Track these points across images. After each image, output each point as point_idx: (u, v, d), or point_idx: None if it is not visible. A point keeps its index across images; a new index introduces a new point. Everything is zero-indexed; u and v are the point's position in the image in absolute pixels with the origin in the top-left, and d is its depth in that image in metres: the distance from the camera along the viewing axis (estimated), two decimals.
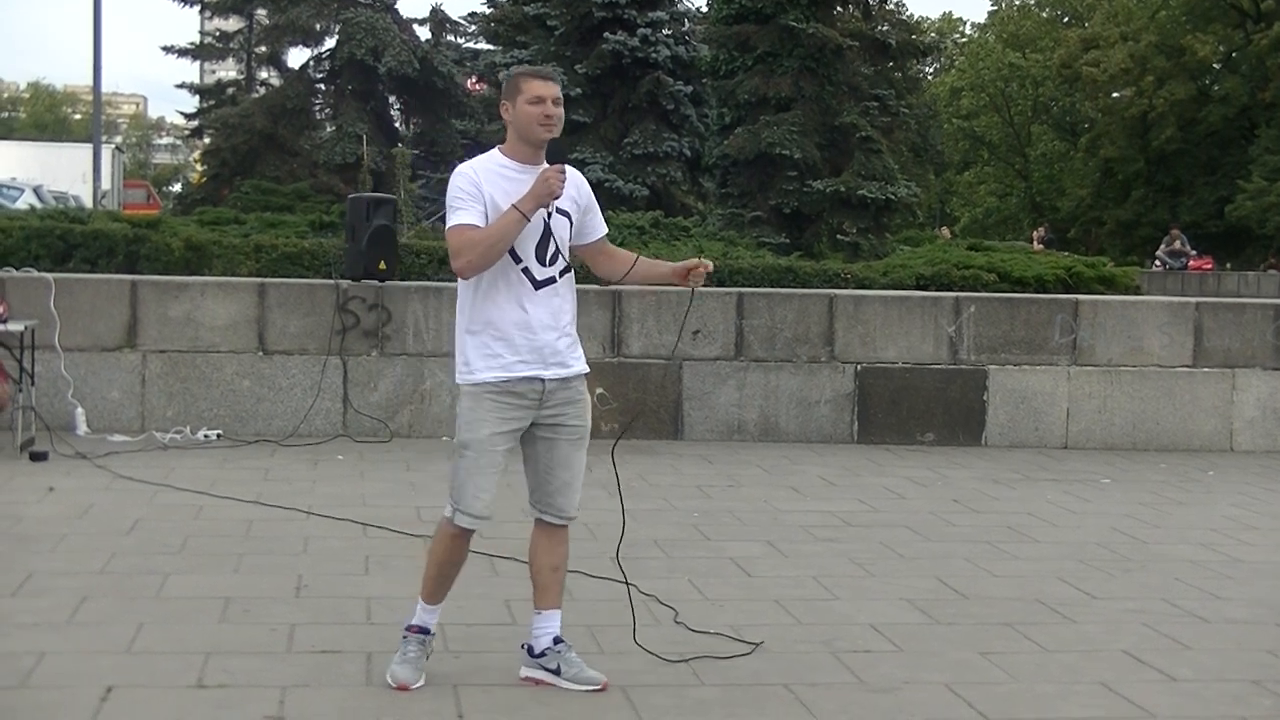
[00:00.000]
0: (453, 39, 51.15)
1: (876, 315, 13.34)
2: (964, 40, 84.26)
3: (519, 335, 5.91)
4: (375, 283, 12.80)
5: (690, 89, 34.08)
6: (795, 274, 17.71)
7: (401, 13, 46.02)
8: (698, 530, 9.38)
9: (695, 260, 6.15)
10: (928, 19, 78.34)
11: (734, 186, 29.44)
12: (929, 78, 74.07)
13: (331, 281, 13.08)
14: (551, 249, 5.97)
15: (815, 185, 27.83)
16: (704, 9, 34.83)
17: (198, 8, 49.53)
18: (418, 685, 5.96)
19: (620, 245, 23.01)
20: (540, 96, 5.89)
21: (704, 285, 6.23)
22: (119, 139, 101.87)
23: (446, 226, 5.88)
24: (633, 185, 32.38)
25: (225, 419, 12.50)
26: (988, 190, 76.56)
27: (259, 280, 13.22)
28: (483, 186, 5.86)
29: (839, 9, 30.76)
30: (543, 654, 6.15)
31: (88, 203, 36.34)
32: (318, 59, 45.46)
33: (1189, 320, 13.73)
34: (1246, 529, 10.10)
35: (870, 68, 30.60)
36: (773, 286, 16.33)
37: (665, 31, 33.74)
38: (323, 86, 45.73)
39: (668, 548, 8.79)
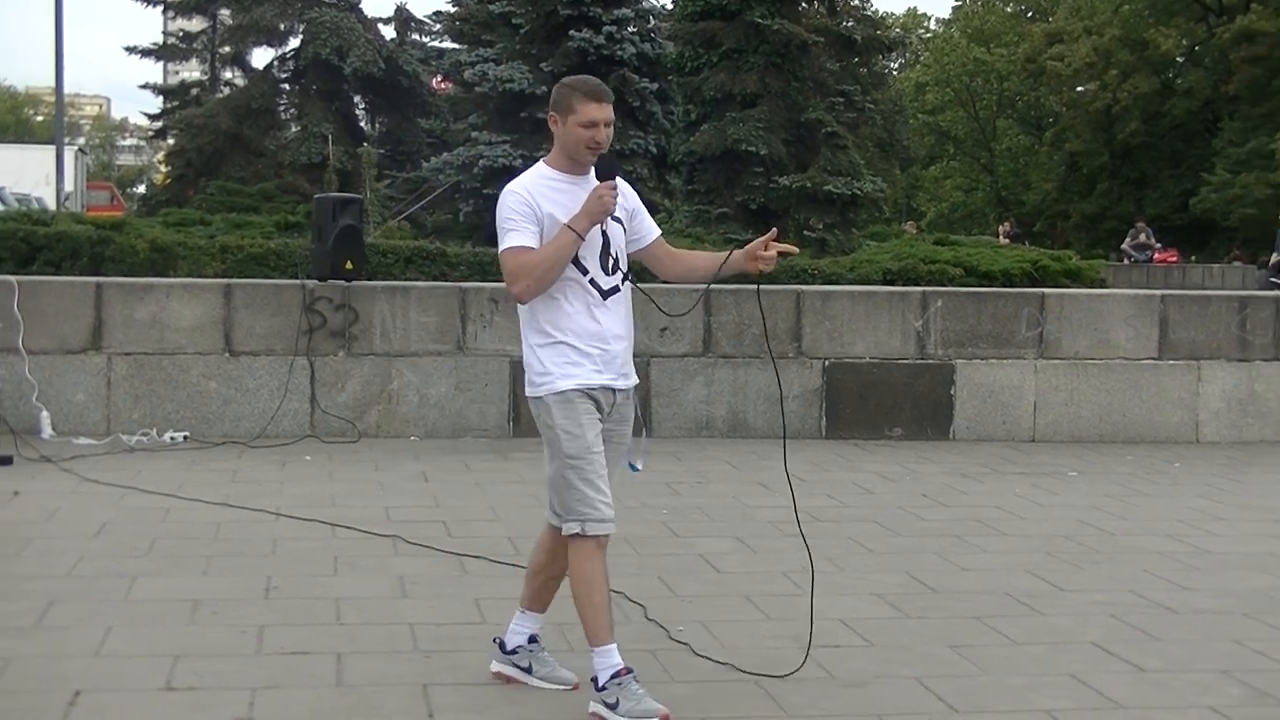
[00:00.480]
0: (418, 38, 51.11)
1: (844, 310, 13.35)
2: (929, 35, 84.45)
3: (594, 345, 5.80)
4: (342, 283, 12.77)
5: (656, 86, 34.05)
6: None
7: (366, 12, 46.06)
8: (667, 527, 9.38)
9: (763, 240, 5.99)
10: (892, 14, 78.79)
11: (700, 183, 29.48)
12: (894, 73, 74.27)
13: (298, 282, 13.04)
14: (612, 258, 5.86)
15: (781, 181, 27.87)
16: (669, 6, 34.88)
17: (160, 8, 49.41)
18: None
19: None
20: (593, 121, 5.77)
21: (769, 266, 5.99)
22: (82, 140, 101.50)
23: (501, 248, 5.77)
24: None
25: (192, 421, 12.45)
26: (954, 185, 76.75)
27: (225, 281, 13.18)
28: (538, 205, 5.76)
29: (804, 5, 30.83)
30: (514, 651, 6.11)
31: (51, 205, 36.18)
32: (282, 59, 45.40)
33: (1154, 313, 13.77)
34: (1213, 520, 10.13)
35: (836, 63, 30.67)
36: (740, 284, 16.34)
37: (630, 29, 33.70)
38: (287, 86, 45.67)
39: (637, 545, 8.78)
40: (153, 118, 53.90)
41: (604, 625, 5.80)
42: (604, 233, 5.81)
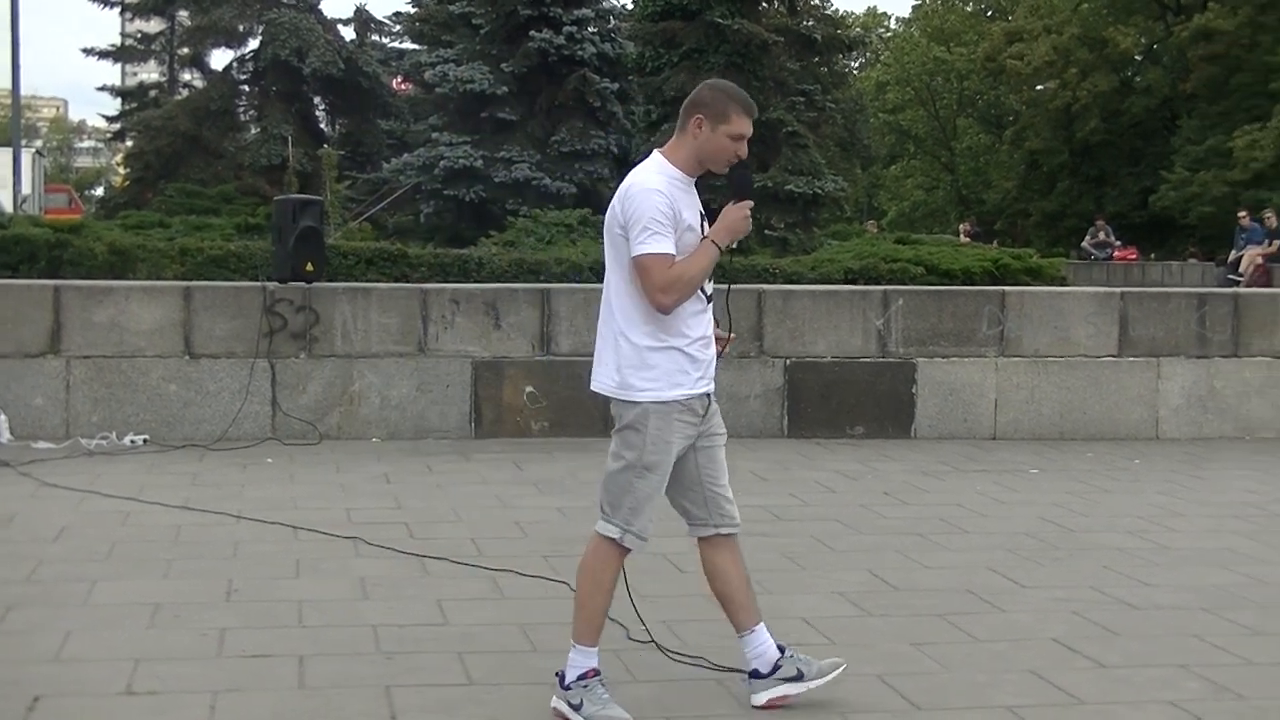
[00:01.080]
0: (378, 39, 51.13)
1: (805, 309, 13.36)
2: (889, 35, 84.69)
3: (702, 351, 5.82)
4: (303, 284, 12.73)
5: (617, 86, 34.14)
6: (723, 269, 17.72)
7: (325, 13, 45.93)
8: None
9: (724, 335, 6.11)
10: (853, 14, 78.85)
11: None
12: (855, 72, 74.31)
13: (258, 284, 13.00)
14: None
15: None
16: (629, 6, 34.91)
17: (118, 9, 49.29)
18: None
19: (548, 243, 22.87)
20: (744, 135, 5.72)
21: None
22: (39, 143, 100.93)
23: (644, 250, 5.59)
24: (560, 183, 32.44)
25: (152, 424, 12.40)
26: (915, 184, 76.99)
27: (184, 284, 13.14)
28: (677, 207, 5.65)
29: (764, 5, 30.95)
30: (776, 668, 5.93)
31: (8, 207, 36.00)
32: (241, 60, 45.28)
33: (1114, 310, 13.82)
34: (1173, 516, 10.17)
35: (796, 63, 30.76)
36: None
37: (591, 29, 33.78)
38: (247, 88, 45.55)
39: None
40: (111, 119, 53.79)
41: (596, 628, 5.80)
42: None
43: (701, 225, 5.75)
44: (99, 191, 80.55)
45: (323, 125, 47.11)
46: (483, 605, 7.35)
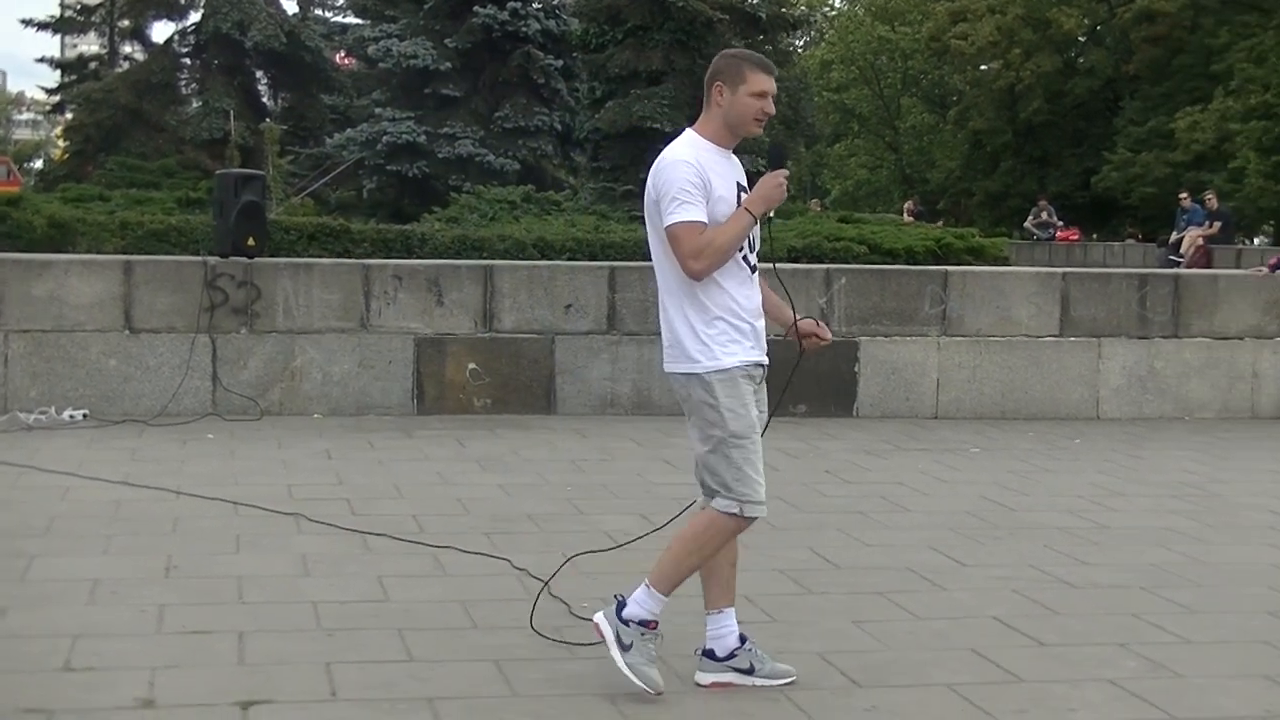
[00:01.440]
0: (321, 13, 50.84)
1: None
2: (833, 14, 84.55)
3: (750, 322, 5.83)
4: (244, 259, 12.66)
5: (561, 63, 34.08)
6: (768, 245, 17.76)
7: None
8: (571, 504, 9.38)
9: (813, 324, 6.25)
10: None
11: (605, 160, 29.49)
12: (799, 51, 74.26)
13: (199, 258, 12.94)
14: (753, 235, 5.91)
15: None
16: None
17: None
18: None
19: (491, 220, 22.84)
20: (764, 91, 5.79)
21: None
22: None
23: (674, 220, 5.66)
24: (504, 159, 32.38)
25: (92, 399, 12.31)
26: (858, 163, 76.98)
27: (125, 258, 13.06)
28: (707, 177, 5.72)
29: None
30: (731, 655, 5.95)
31: None
32: (183, 33, 44.97)
33: (1056, 290, 13.88)
34: (1112, 495, 10.23)
35: (741, 41, 30.67)
36: (645, 260, 16.35)
37: (535, 5, 33.72)
38: (188, 61, 45.24)
39: (541, 522, 8.78)
40: (50, 92, 53.33)
41: (676, 584, 5.83)
42: None
43: (738, 196, 5.79)
44: (38, 164, 79.86)
45: (265, 99, 46.81)
46: (424, 582, 7.33)
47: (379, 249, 16.47)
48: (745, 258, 5.84)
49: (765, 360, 5.91)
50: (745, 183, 5.91)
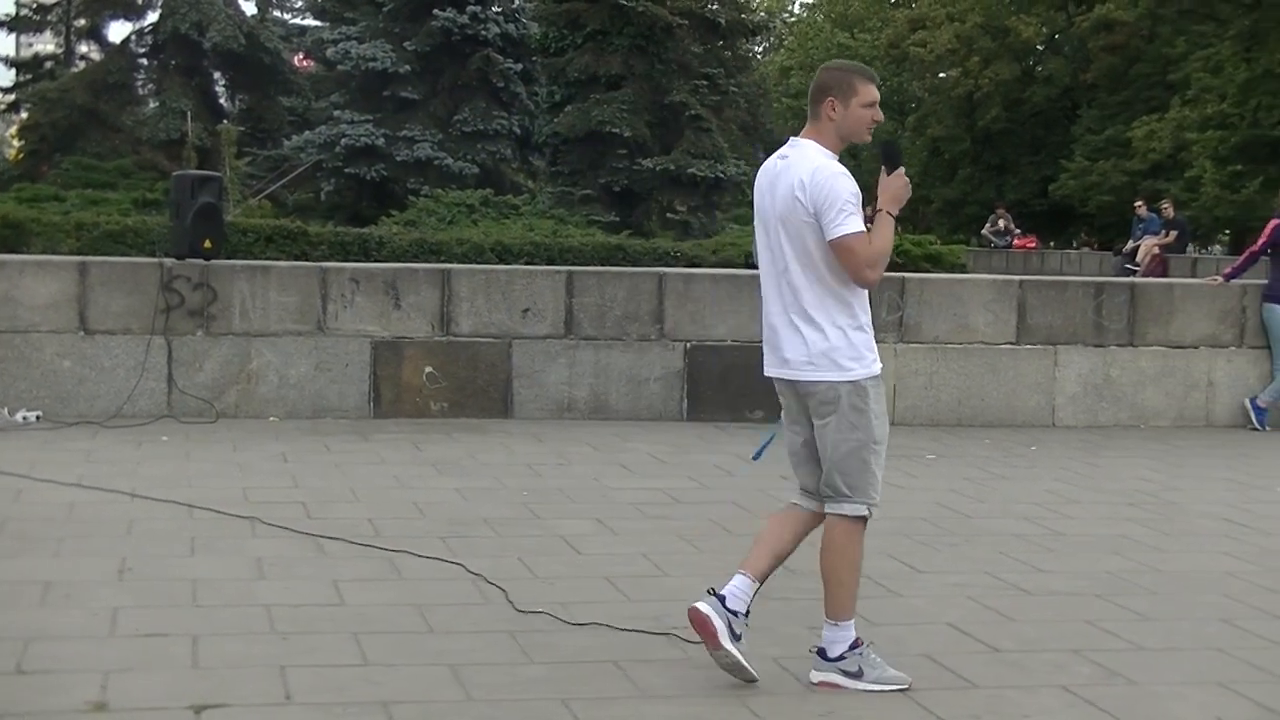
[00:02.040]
0: (279, 14, 50.68)
1: (706, 293, 13.38)
2: (793, 20, 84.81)
3: (871, 331, 6.04)
4: (200, 261, 12.61)
5: (520, 67, 34.09)
6: (625, 252, 17.78)
7: None
8: (528, 508, 9.37)
9: None
10: None
11: (564, 164, 29.50)
12: (758, 57, 74.47)
13: (155, 260, 12.87)
14: None
15: (645, 163, 27.95)
16: None
17: None
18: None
19: (449, 224, 22.79)
20: (874, 101, 6.01)
21: None
22: None
23: (846, 231, 5.84)
24: (462, 163, 32.38)
25: (45, 400, 12.25)
26: None
27: (80, 258, 12.99)
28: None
29: None
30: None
31: None
32: (140, 33, 44.79)
33: (1013, 298, 13.92)
34: (1068, 502, 10.27)
35: (700, 46, 30.80)
36: (603, 264, 16.37)
37: (495, 9, 33.72)
38: (145, 61, 45.06)
39: (498, 526, 8.76)
40: (5, 91, 52.90)
41: (852, 603, 6.09)
42: None
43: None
44: None
45: (223, 101, 46.66)
46: (379, 586, 7.31)
47: (336, 252, 16.44)
48: None
49: None
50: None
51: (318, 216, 29.91)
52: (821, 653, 6.09)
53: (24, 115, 48.03)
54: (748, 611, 6.08)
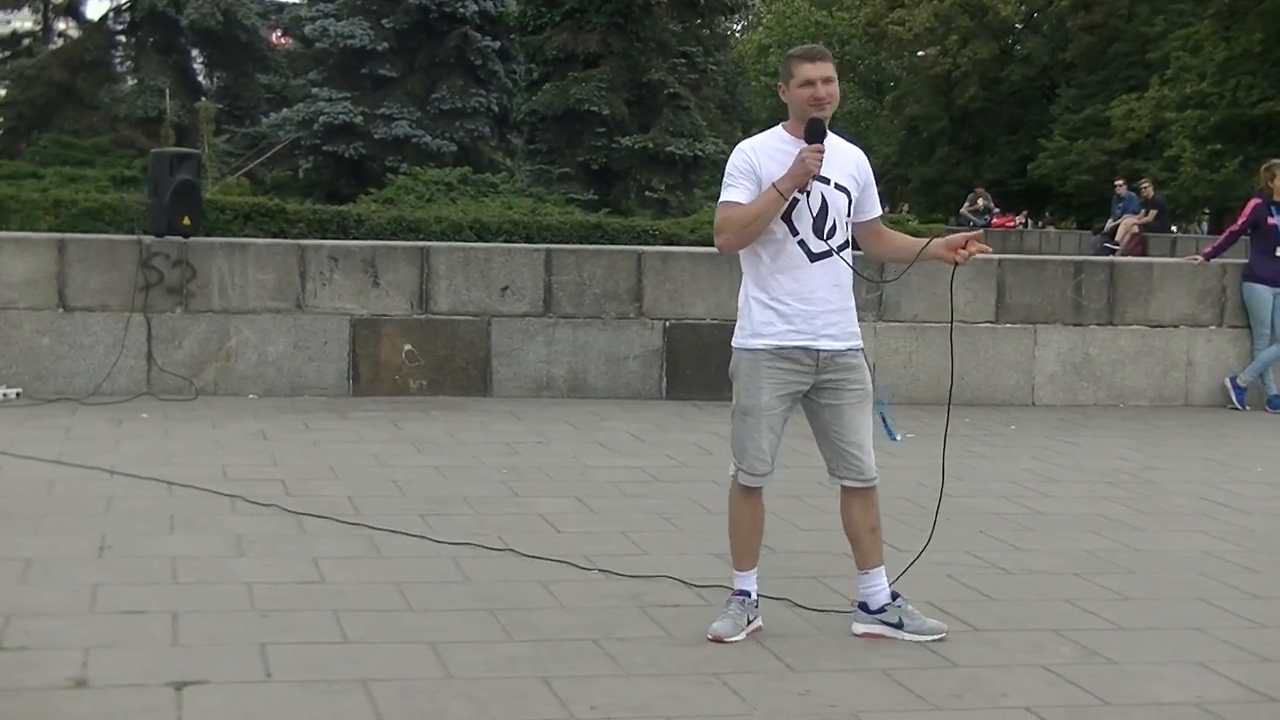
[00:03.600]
0: None
1: (685, 272, 13.37)
2: None
3: (794, 305, 6.22)
4: (179, 239, 12.59)
5: (498, 44, 34.00)
6: (604, 230, 17.75)
7: None
8: (507, 487, 9.37)
9: (964, 237, 6.65)
10: None
11: (542, 143, 29.40)
12: (737, 35, 74.39)
13: (134, 237, 12.84)
14: (829, 223, 6.22)
15: (623, 142, 27.88)
16: None
17: None
18: (736, 639, 6.22)
19: (428, 202, 22.72)
20: (809, 79, 6.12)
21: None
22: None
23: (719, 201, 6.23)
24: (440, 141, 32.31)
25: (24, 377, 12.22)
26: None
27: (58, 236, 12.96)
28: (759, 163, 6.15)
29: None
30: (882, 609, 6.44)
31: None
32: (117, 10, 44.51)
33: (992, 277, 13.93)
34: (1046, 481, 10.29)
35: (678, 24, 30.67)
36: (581, 243, 16.34)
37: None
38: (123, 38, 44.80)
39: (477, 504, 8.77)
40: None
41: (743, 555, 6.52)
42: (824, 198, 6.17)
43: (835, 183, 6.26)
44: None
45: (200, 78, 46.43)
46: (359, 563, 7.32)
47: (315, 229, 16.38)
48: (803, 242, 6.20)
49: (819, 345, 6.30)
50: (858, 171, 6.38)
51: (296, 194, 29.84)
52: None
53: (1, 93, 47.80)
54: (894, 595, 6.49)
